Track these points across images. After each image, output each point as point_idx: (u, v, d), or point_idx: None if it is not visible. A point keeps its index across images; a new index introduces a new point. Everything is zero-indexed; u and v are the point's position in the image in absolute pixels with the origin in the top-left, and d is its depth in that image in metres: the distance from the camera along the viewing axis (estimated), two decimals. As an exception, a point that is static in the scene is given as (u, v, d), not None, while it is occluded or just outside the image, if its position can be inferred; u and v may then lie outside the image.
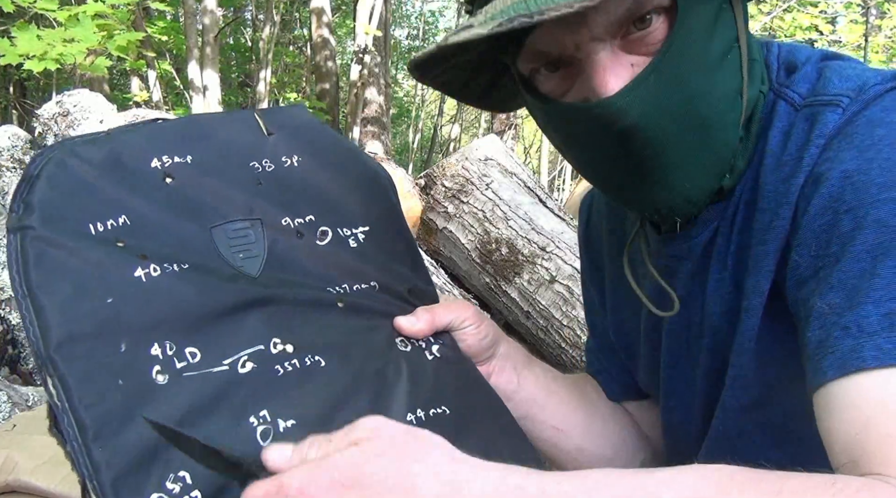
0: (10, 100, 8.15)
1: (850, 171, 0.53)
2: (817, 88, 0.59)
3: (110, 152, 0.59)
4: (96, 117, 2.30)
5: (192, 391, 0.50)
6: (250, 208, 0.62)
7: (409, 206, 2.38)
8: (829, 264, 0.52)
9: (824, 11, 6.47)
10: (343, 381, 0.57)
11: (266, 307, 0.58)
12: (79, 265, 0.52)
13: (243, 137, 0.67)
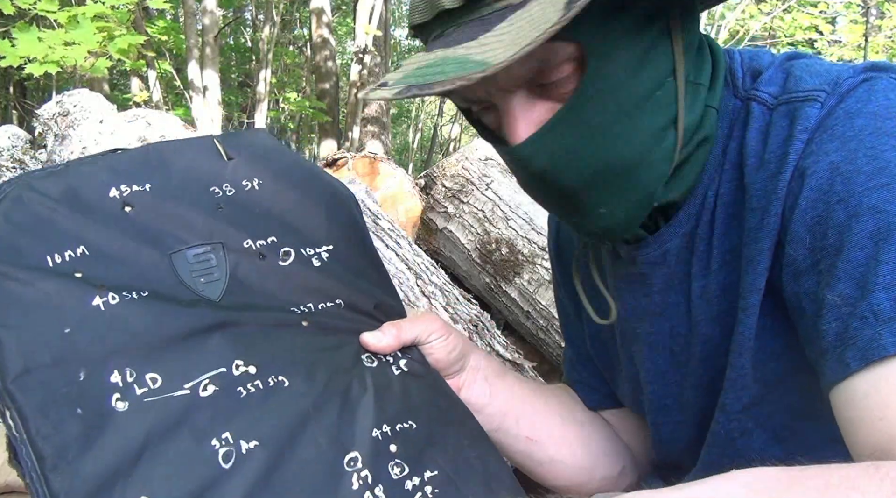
0: (10, 100, 8.15)
1: (837, 162, 0.54)
2: (788, 86, 0.60)
3: (68, 185, 0.59)
4: (96, 117, 2.30)
5: (152, 417, 0.50)
6: (211, 233, 0.63)
7: (409, 206, 2.38)
8: (830, 255, 0.52)
9: (824, 11, 6.48)
10: (307, 399, 0.57)
11: (228, 330, 0.58)
12: (35, 297, 0.52)
13: (203, 163, 0.67)
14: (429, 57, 0.53)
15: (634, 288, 0.71)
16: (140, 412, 0.50)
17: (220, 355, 0.56)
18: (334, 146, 7.31)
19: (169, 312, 0.56)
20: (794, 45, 7.84)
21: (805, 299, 0.54)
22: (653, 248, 0.68)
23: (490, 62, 0.49)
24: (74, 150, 2.18)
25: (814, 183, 0.54)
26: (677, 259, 0.67)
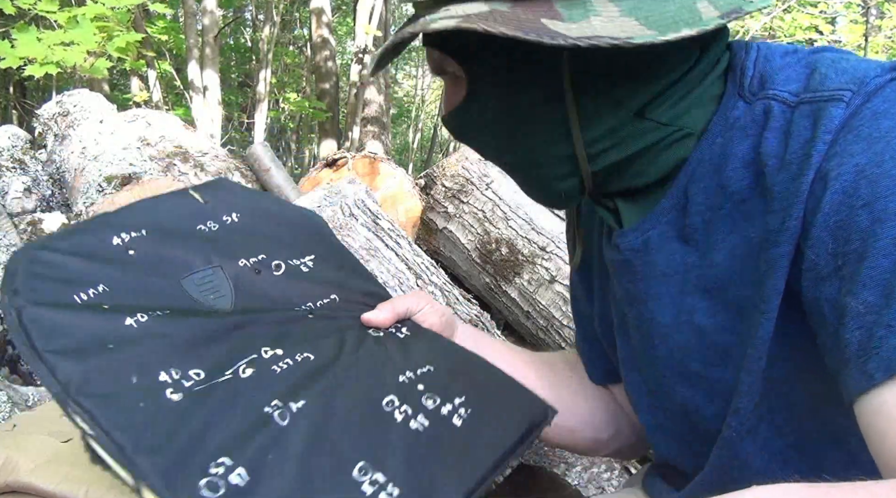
0: (10, 100, 8.15)
1: (863, 164, 0.52)
2: (811, 84, 0.59)
3: (73, 242, 0.68)
4: (96, 117, 2.30)
5: (207, 400, 0.57)
6: (209, 259, 0.73)
7: (409, 206, 2.38)
8: (853, 261, 0.51)
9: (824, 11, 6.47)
10: (335, 364, 0.66)
11: (247, 328, 0.67)
12: (74, 323, 0.60)
13: (185, 208, 0.78)
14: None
15: (622, 273, 0.72)
16: (195, 398, 0.56)
17: (247, 346, 0.64)
18: (334, 146, 7.31)
19: (192, 322, 0.65)
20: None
21: (826, 306, 0.53)
22: (633, 236, 0.69)
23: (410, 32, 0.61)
24: (74, 150, 2.18)
25: (838, 186, 0.53)
26: (659, 247, 0.67)
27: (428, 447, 0.58)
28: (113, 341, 0.59)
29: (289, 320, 0.71)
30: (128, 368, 0.57)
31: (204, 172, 2.31)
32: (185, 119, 3.05)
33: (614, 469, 1.60)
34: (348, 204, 1.65)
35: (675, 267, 0.67)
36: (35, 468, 0.79)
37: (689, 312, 0.67)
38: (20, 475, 0.79)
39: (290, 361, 0.63)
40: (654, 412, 0.76)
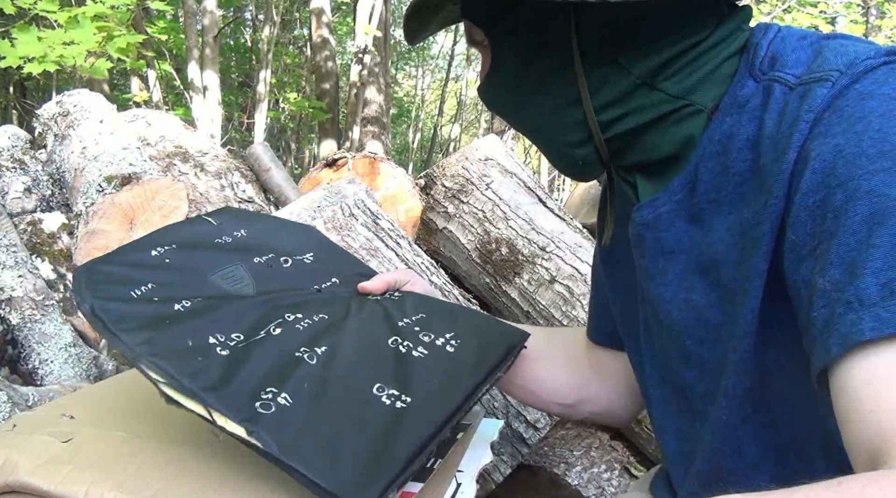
0: (10, 100, 8.15)
1: (842, 145, 0.52)
2: (812, 67, 0.59)
3: (121, 257, 0.85)
4: (96, 117, 2.30)
5: (250, 351, 0.71)
6: (230, 260, 0.90)
7: (409, 206, 2.38)
8: (826, 240, 0.51)
9: (824, 11, 6.47)
10: (348, 318, 0.82)
11: (270, 303, 0.82)
12: (135, 310, 0.74)
13: (202, 228, 0.96)
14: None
15: (636, 247, 0.74)
16: (239, 352, 0.71)
17: (273, 315, 0.79)
18: (334, 146, 7.31)
19: (226, 303, 0.80)
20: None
21: (802, 286, 0.53)
22: (647, 210, 0.70)
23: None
24: (74, 149, 2.18)
25: (817, 166, 0.53)
26: (668, 224, 0.68)
27: (429, 368, 0.74)
28: (168, 319, 0.74)
29: (302, 296, 0.86)
30: (183, 336, 0.71)
31: (204, 172, 2.31)
32: (185, 119, 3.05)
33: (614, 469, 1.60)
34: (348, 204, 1.65)
35: (682, 245, 0.68)
36: (35, 468, 0.79)
37: (688, 289, 0.67)
38: (20, 475, 0.79)
39: (309, 321, 0.79)
40: (663, 387, 0.77)
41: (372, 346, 0.77)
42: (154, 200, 2.01)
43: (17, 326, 1.62)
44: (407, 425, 0.65)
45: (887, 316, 0.45)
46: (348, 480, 0.59)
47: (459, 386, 0.72)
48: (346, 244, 1.55)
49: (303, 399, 0.66)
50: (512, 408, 1.39)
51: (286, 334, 0.76)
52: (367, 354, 0.76)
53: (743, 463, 0.66)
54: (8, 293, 1.63)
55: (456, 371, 0.75)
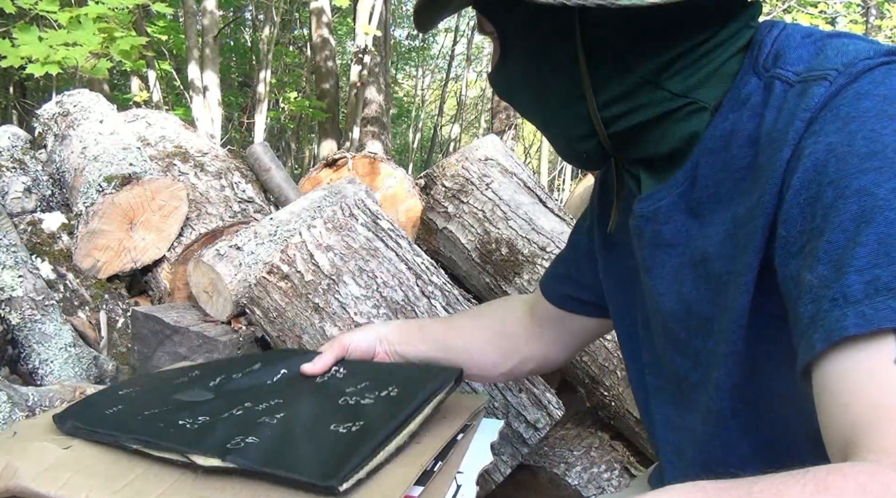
0: (10, 100, 8.15)
1: (834, 143, 0.53)
2: (813, 65, 0.59)
3: (91, 397, 1.05)
4: (96, 117, 2.30)
5: (215, 425, 0.85)
6: (189, 386, 1.05)
7: (409, 206, 2.38)
8: (815, 236, 0.51)
9: (824, 11, 6.46)
10: (299, 398, 0.92)
11: (228, 398, 0.96)
12: (108, 419, 0.91)
13: (159, 376, 1.16)
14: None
15: (636, 238, 0.75)
16: (207, 425, 0.86)
17: (233, 403, 0.93)
18: (334, 146, 7.31)
19: (190, 405, 0.95)
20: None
21: (791, 282, 0.54)
22: (648, 203, 0.71)
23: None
24: (74, 149, 2.18)
25: (809, 163, 0.54)
26: (667, 218, 0.69)
27: (377, 406, 0.84)
28: (139, 417, 0.89)
29: (257, 390, 0.98)
30: (155, 422, 0.87)
31: (204, 172, 2.31)
32: (185, 119, 3.04)
33: (614, 469, 1.60)
34: (348, 204, 1.65)
35: (679, 238, 0.69)
36: (36, 474, 0.79)
37: (681, 282, 0.68)
38: (21, 480, 0.79)
39: (266, 404, 0.90)
40: (658, 377, 0.78)
41: (327, 406, 0.88)
42: (154, 200, 2.01)
43: (17, 326, 1.62)
44: (362, 436, 0.77)
45: (871, 313, 0.45)
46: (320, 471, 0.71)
47: (405, 408, 0.81)
48: (345, 244, 1.55)
49: (268, 438, 0.79)
50: (512, 408, 1.39)
51: (247, 413, 0.89)
52: (323, 410, 0.87)
53: (734, 455, 0.66)
54: (8, 293, 1.63)
55: (399, 400, 0.84)
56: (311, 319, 1.48)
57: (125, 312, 1.98)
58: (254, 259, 1.76)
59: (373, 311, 1.47)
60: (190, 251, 2.02)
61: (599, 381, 1.65)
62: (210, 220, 2.12)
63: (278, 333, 1.55)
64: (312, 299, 1.48)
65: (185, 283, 1.97)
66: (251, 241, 1.80)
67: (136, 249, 2.02)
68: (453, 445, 0.82)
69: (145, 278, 2.11)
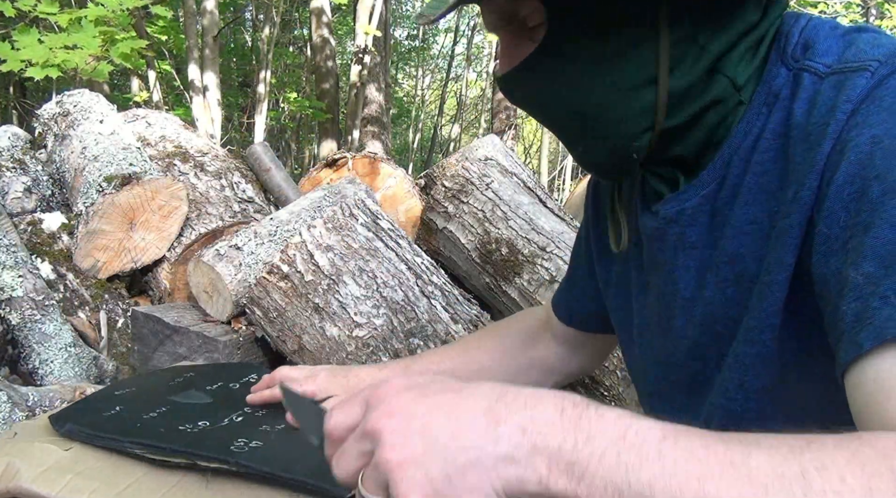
0: (10, 100, 8.14)
1: (880, 135, 0.51)
2: (846, 57, 0.57)
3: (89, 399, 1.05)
4: (96, 117, 2.30)
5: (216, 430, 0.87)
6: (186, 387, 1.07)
7: (409, 206, 2.38)
8: (859, 233, 0.49)
9: (824, 12, 6.46)
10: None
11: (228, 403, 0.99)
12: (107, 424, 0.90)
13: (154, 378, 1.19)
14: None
15: (653, 241, 0.72)
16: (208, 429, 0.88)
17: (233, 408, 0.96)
18: (334, 146, 7.30)
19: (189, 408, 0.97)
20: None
21: (831, 280, 0.51)
22: (672, 204, 0.68)
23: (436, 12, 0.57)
24: (74, 149, 2.18)
25: (853, 157, 0.51)
26: (692, 220, 0.66)
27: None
28: (139, 423, 0.89)
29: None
30: (156, 427, 0.88)
31: (204, 172, 2.31)
32: (185, 119, 3.04)
33: (614, 469, 1.59)
34: (348, 204, 1.65)
35: (703, 240, 0.66)
36: (36, 476, 0.79)
37: (703, 285, 0.66)
38: (21, 482, 0.79)
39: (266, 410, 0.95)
40: (660, 382, 0.76)
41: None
42: (154, 200, 2.01)
43: (17, 326, 1.62)
44: None
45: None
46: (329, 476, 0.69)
47: None
48: (345, 244, 1.55)
49: (273, 442, 0.79)
50: (512, 408, 1.40)
51: (248, 419, 0.90)
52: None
53: None
54: (8, 293, 1.63)
55: None
56: (311, 319, 1.48)
57: (125, 312, 1.98)
58: (254, 259, 1.76)
59: (373, 311, 1.47)
60: (190, 251, 2.03)
61: (599, 381, 1.65)
62: (210, 220, 2.12)
63: (278, 333, 1.55)
64: (312, 299, 1.48)
65: (185, 283, 1.97)
66: (251, 241, 1.80)
67: (136, 249, 2.02)
68: None
69: (145, 278, 2.11)
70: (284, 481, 0.73)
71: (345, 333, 1.46)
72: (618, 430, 0.41)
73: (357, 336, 1.45)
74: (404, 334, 1.46)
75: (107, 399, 1.02)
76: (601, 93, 0.62)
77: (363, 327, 1.46)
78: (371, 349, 1.43)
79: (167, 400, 0.99)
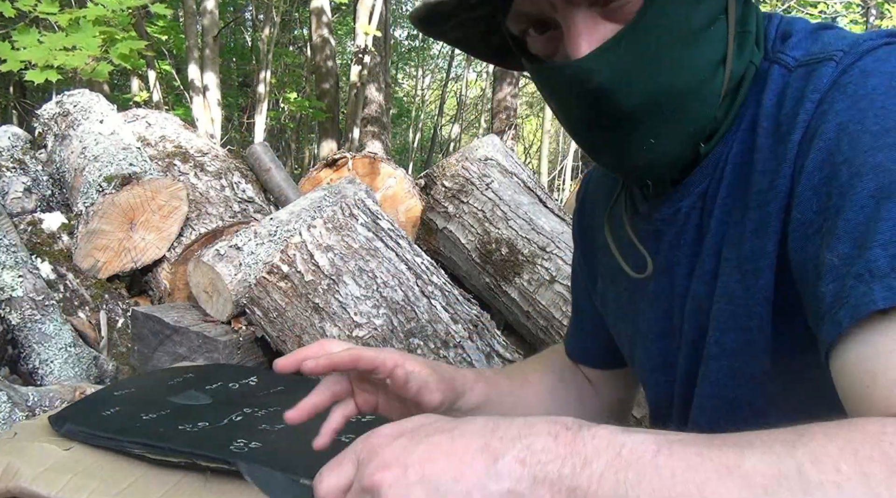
0: (10, 100, 8.14)
1: (845, 122, 0.52)
2: (813, 50, 0.59)
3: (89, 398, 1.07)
4: (96, 117, 2.30)
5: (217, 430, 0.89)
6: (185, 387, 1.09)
7: (409, 206, 2.38)
8: (832, 216, 0.50)
9: (824, 12, 6.46)
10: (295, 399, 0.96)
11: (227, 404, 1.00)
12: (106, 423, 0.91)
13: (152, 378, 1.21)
14: None
15: (648, 245, 0.71)
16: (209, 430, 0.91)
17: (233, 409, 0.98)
18: (334, 146, 7.30)
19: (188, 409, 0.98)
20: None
21: (809, 264, 0.53)
22: (668, 204, 0.68)
23: None
24: (74, 150, 2.18)
25: (822, 144, 0.53)
26: (687, 217, 0.67)
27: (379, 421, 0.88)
28: (138, 422, 0.91)
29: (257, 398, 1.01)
30: (154, 427, 0.88)
31: (204, 172, 2.31)
32: (185, 119, 3.04)
33: (614, 469, 1.59)
34: (348, 204, 1.65)
35: (695, 237, 0.67)
36: (36, 476, 0.79)
37: (693, 279, 0.67)
38: (21, 482, 0.79)
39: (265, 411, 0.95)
40: (659, 388, 0.75)
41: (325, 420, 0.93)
42: (154, 200, 2.01)
43: (17, 326, 1.62)
44: None
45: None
46: None
47: None
48: (346, 244, 1.55)
49: (272, 443, 0.81)
50: (512, 408, 1.40)
51: (247, 420, 0.92)
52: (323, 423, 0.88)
53: None
54: (8, 293, 1.63)
55: None
56: (311, 319, 1.48)
57: (125, 312, 1.98)
58: (254, 259, 1.76)
59: (373, 311, 1.47)
60: (190, 251, 2.02)
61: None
62: (210, 220, 2.12)
63: (278, 333, 1.55)
64: (312, 299, 1.48)
65: (185, 283, 1.97)
66: (251, 241, 1.80)
67: (136, 249, 2.02)
68: None
69: (145, 278, 2.11)
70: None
71: (345, 332, 1.46)
72: (613, 449, 0.41)
73: (357, 336, 1.45)
74: (404, 334, 1.46)
75: (106, 399, 1.02)
76: (690, 68, 0.59)
77: (363, 327, 1.46)
78: (371, 349, 1.44)
79: (167, 400, 1.00)
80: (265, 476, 0.59)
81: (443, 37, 0.67)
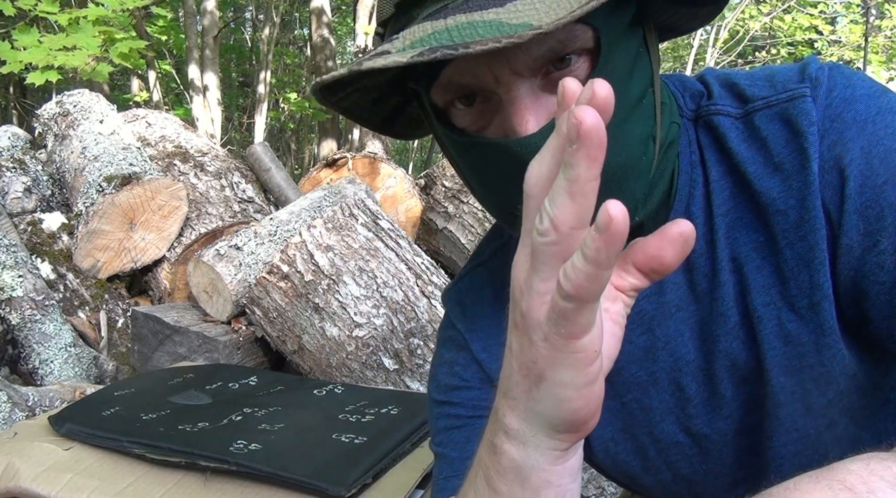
0: (10, 100, 8.14)
1: (866, 147, 0.55)
2: (747, 96, 0.60)
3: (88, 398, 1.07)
4: (96, 117, 2.30)
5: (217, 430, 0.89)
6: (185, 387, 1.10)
7: (409, 206, 2.37)
8: (893, 234, 0.54)
9: (824, 12, 6.47)
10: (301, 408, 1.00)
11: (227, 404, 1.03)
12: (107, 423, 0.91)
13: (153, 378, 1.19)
14: (442, 24, 0.49)
15: (626, 330, 0.65)
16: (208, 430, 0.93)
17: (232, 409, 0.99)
18: (334, 146, 7.30)
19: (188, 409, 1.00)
20: (794, 46, 7.82)
21: (871, 276, 0.55)
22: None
23: (533, 25, 0.45)
24: (74, 150, 2.18)
25: (855, 171, 0.55)
26: (670, 282, 0.63)
27: (378, 423, 0.91)
28: (138, 422, 0.91)
29: (256, 398, 1.01)
30: (155, 427, 0.88)
31: (204, 172, 2.31)
32: (185, 119, 3.04)
33: (614, 469, 1.59)
34: (348, 204, 1.65)
35: (687, 298, 0.64)
36: (36, 475, 0.79)
37: (716, 339, 0.64)
38: (21, 481, 0.79)
39: (265, 411, 0.95)
40: (654, 472, 0.70)
41: (326, 419, 0.94)
42: (154, 200, 2.01)
43: (17, 326, 1.62)
44: (368, 448, 0.81)
45: None
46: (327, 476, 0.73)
47: (408, 424, 0.89)
48: (346, 244, 1.55)
49: (272, 443, 0.83)
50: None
51: (246, 420, 0.94)
52: (324, 422, 0.92)
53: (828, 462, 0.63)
54: (8, 293, 1.63)
55: (401, 418, 0.92)
56: (311, 319, 1.48)
57: (125, 312, 1.98)
58: (254, 259, 1.76)
59: (373, 310, 1.47)
60: (190, 251, 2.02)
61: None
62: (210, 220, 2.12)
63: (278, 333, 1.55)
64: (312, 299, 1.48)
65: (185, 283, 1.97)
66: (251, 241, 1.80)
67: (136, 249, 2.02)
68: None
69: (145, 278, 2.11)
70: (283, 481, 0.73)
71: (345, 332, 1.46)
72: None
73: (357, 336, 1.45)
74: (404, 334, 1.46)
75: (106, 399, 1.02)
76: (626, 145, 0.55)
77: (363, 327, 1.46)
78: (371, 349, 1.43)
79: (167, 400, 1.00)
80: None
81: (336, 104, 0.60)
